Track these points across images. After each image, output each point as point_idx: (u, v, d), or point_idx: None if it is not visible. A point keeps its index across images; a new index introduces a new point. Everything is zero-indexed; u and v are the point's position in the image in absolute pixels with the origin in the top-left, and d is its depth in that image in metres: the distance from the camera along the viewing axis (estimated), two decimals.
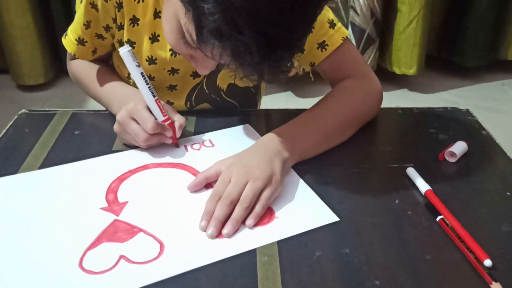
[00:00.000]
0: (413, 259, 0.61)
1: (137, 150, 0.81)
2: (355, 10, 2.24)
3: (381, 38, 2.37)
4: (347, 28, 2.25)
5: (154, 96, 0.79)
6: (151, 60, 0.88)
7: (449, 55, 2.56)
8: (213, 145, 0.83)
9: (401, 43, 2.33)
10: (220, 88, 0.97)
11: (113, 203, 0.70)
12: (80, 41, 0.89)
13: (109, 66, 0.97)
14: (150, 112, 0.78)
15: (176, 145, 0.82)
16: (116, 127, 0.80)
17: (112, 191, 0.72)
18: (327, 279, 0.58)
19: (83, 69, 0.95)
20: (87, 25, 0.86)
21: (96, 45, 0.90)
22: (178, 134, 0.80)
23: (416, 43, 2.30)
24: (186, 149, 0.82)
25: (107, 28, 0.87)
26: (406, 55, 2.34)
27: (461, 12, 2.42)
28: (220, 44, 0.60)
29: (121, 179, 0.75)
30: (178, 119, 0.80)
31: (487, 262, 0.59)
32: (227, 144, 0.83)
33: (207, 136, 0.86)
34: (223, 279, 0.58)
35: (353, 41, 2.28)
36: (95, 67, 0.93)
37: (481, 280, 0.58)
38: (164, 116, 0.79)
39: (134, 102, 0.78)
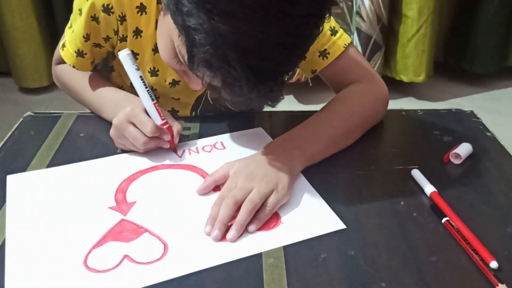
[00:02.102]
0: (419, 261, 0.61)
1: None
2: (361, 16, 2.19)
3: (387, 45, 2.32)
4: (353, 34, 2.19)
5: (152, 100, 0.78)
6: (153, 72, 0.88)
7: (457, 62, 2.49)
8: (224, 148, 0.83)
9: (410, 50, 2.25)
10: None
11: (121, 203, 0.71)
12: (80, 53, 0.87)
13: (97, 71, 0.95)
14: (148, 116, 0.78)
15: (173, 149, 0.81)
16: (112, 131, 0.79)
17: (121, 190, 0.73)
18: (333, 281, 0.58)
19: (70, 73, 0.93)
20: (86, 37, 0.84)
21: (94, 55, 0.89)
22: (176, 140, 0.80)
23: (425, 49, 2.23)
24: (198, 151, 0.82)
25: (107, 39, 0.86)
26: (414, 62, 2.26)
27: (469, 17, 2.36)
28: (210, 74, 0.60)
29: (131, 179, 0.76)
30: (176, 125, 0.80)
31: (493, 264, 0.59)
32: (239, 147, 0.83)
33: (218, 138, 0.86)
34: (229, 281, 0.58)
35: (359, 48, 2.23)
36: (83, 72, 0.92)
37: (487, 282, 0.58)
38: (162, 119, 0.79)
39: (131, 106, 0.77)
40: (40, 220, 0.67)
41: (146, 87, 0.78)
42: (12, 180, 0.75)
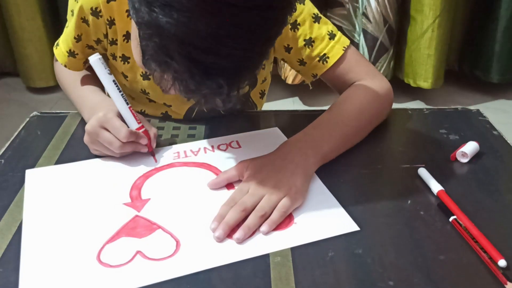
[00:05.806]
0: (427, 260, 0.61)
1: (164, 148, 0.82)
2: (367, 17, 2.13)
3: (396, 48, 2.25)
4: (359, 36, 2.15)
5: (127, 104, 0.78)
6: (145, 76, 0.88)
7: (471, 70, 2.39)
8: (240, 147, 0.84)
9: (416, 54, 2.18)
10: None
11: (136, 199, 0.71)
12: (71, 53, 0.87)
13: (90, 72, 0.95)
14: (122, 120, 0.77)
15: (151, 153, 0.81)
16: (86, 137, 0.78)
17: (136, 187, 0.74)
18: (340, 280, 0.58)
19: (62, 70, 0.94)
20: (77, 38, 0.85)
21: (87, 56, 0.88)
22: (153, 144, 0.79)
23: (431, 54, 2.15)
24: (213, 149, 0.82)
25: (98, 41, 0.86)
26: (420, 67, 2.19)
27: (484, 24, 2.27)
28: (159, 70, 0.59)
29: (146, 176, 0.76)
30: (152, 129, 0.79)
31: (502, 263, 0.59)
32: (254, 147, 0.83)
33: (234, 137, 0.86)
34: (236, 279, 0.58)
35: (365, 50, 2.18)
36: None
37: (496, 280, 0.57)
38: (138, 123, 0.78)
39: (103, 111, 0.76)
40: (55, 214, 0.68)
41: (120, 91, 0.78)
42: (31, 175, 0.76)
